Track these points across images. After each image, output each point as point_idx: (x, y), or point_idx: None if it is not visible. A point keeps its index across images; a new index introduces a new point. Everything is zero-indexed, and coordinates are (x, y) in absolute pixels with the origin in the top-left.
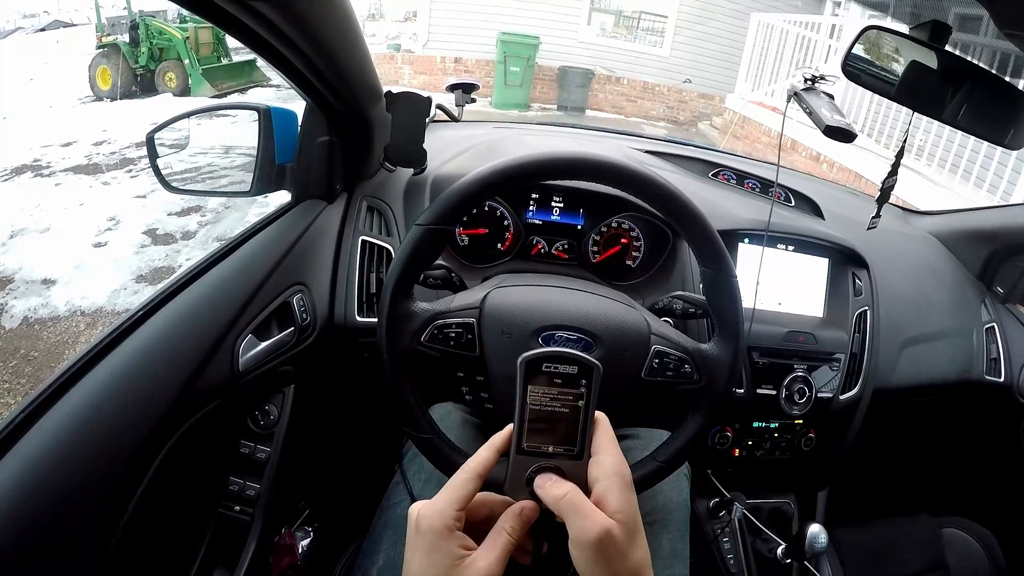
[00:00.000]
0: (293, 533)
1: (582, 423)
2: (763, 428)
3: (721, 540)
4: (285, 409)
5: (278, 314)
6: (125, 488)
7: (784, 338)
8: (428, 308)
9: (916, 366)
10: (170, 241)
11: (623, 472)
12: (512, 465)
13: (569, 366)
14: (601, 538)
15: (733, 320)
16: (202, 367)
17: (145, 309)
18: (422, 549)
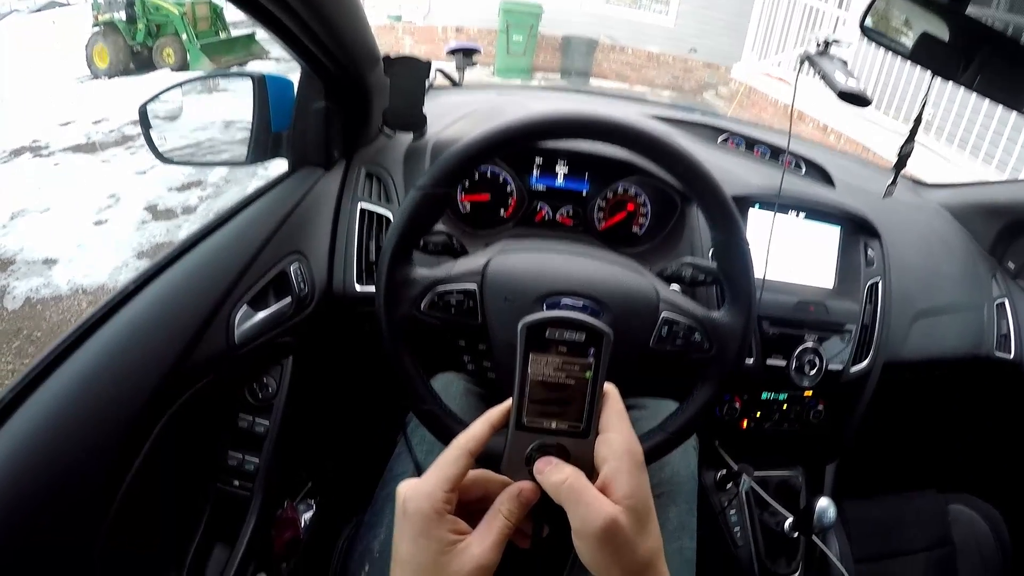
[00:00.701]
0: (295, 506)
1: (589, 397)
2: (772, 399)
3: (728, 513)
4: (284, 381)
5: (275, 284)
6: (121, 463)
7: (795, 308)
8: (428, 274)
9: (926, 339)
10: (171, 216)
11: (634, 452)
12: (510, 442)
13: (576, 332)
14: (606, 528)
15: (745, 287)
16: (197, 339)
17: (138, 283)
18: (409, 534)
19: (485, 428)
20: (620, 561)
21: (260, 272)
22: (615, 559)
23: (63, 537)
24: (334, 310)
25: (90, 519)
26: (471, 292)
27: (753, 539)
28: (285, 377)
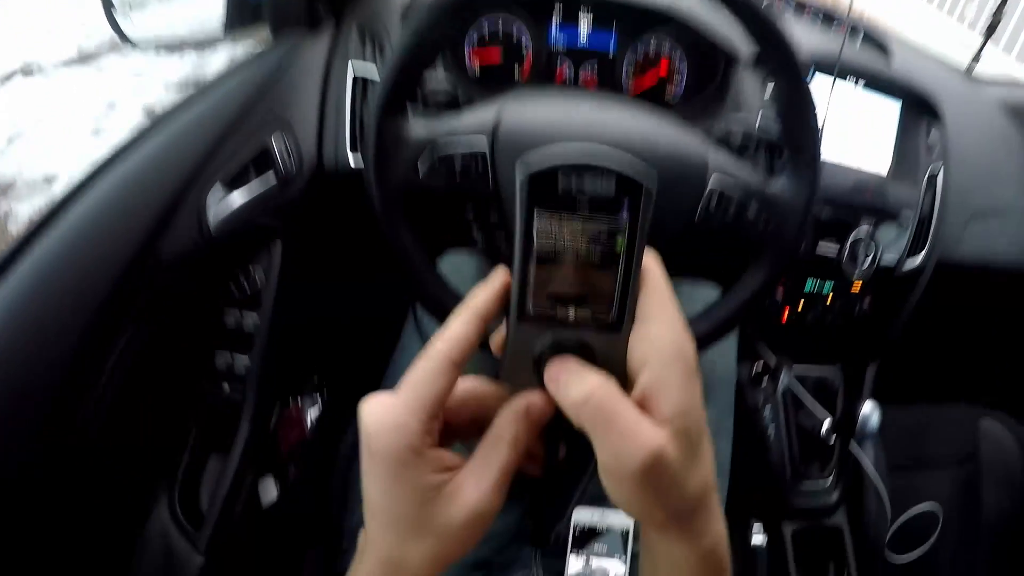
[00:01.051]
0: (300, 405)
1: (622, 274)
2: (817, 289)
3: (763, 411)
4: (272, 270)
5: (256, 162)
6: (82, 373)
7: (851, 188)
8: (426, 131)
9: (980, 242)
10: None
11: (685, 351)
12: (512, 339)
13: (603, 181)
14: (649, 465)
15: (811, 153)
16: (162, 228)
17: (90, 174)
18: (378, 479)
19: (471, 323)
20: (664, 503)
21: (237, 148)
22: (658, 501)
23: (25, 458)
24: (326, 187)
25: (51, 437)
26: (479, 151)
27: (787, 441)
28: (274, 265)
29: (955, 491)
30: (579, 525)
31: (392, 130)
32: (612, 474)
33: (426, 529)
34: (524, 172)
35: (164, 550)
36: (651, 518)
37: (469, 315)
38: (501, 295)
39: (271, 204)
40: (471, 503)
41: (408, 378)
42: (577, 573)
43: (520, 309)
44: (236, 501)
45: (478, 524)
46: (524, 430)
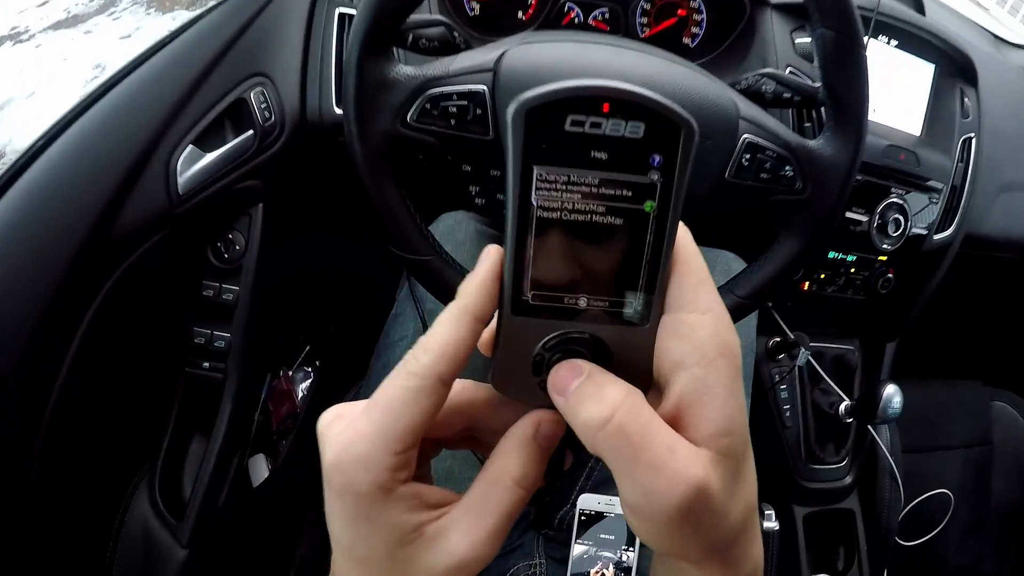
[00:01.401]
0: (291, 377)
1: (651, 250)
2: (839, 260)
3: (779, 388)
4: (253, 235)
5: (231, 116)
6: (41, 360)
7: (883, 153)
8: (416, 72)
9: (1009, 217)
10: None
11: (730, 347)
12: (505, 337)
13: (628, 122)
14: (687, 506)
15: (857, 108)
16: (123, 194)
17: (41, 139)
18: (342, 515)
19: (463, 326)
20: (703, 540)
21: (208, 102)
22: (696, 540)
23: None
24: (310, 142)
25: (13, 429)
26: (479, 95)
27: (803, 421)
28: (255, 230)
29: (966, 476)
30: (585, 510)
31: (375, 71)
32: (640, 514)
33: (401, 574)
34: (519, 109)
35: (145, 544)
36: (686, 555)
37: (459, 314)
38: (497, 282)
39: (249, 163)
40: (458, 553)
41: (381, 395)
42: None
43: (515, 298)
44: (221, 487)
45: (465, 573)
46: (533, 462)
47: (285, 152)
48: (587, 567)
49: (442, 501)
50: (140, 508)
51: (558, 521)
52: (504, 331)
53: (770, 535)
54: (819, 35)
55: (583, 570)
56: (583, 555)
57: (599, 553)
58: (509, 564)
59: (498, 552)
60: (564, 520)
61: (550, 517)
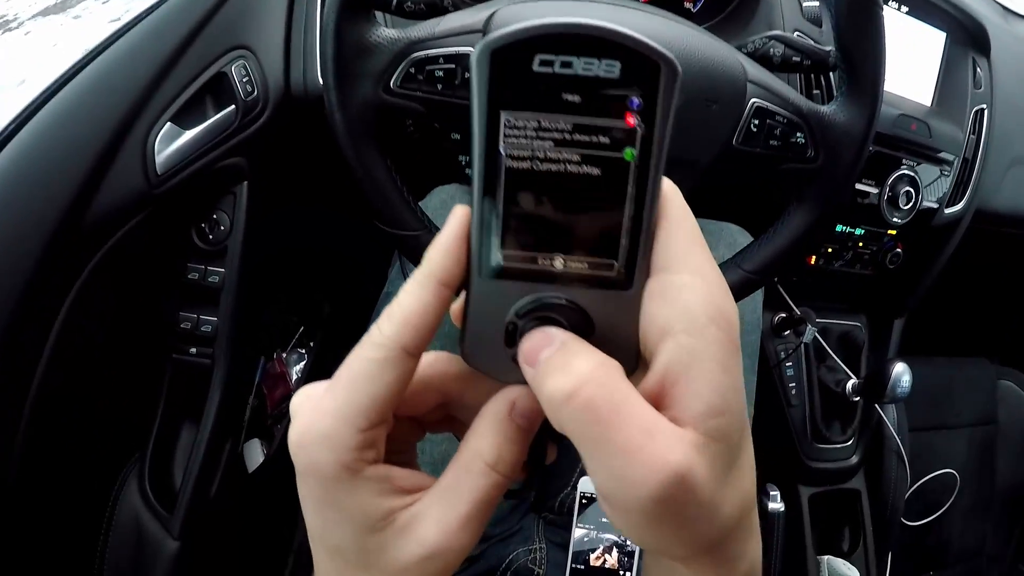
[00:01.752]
0: (285, 359)
1: (632, 203)
2: (847, 234)
3: (784, 366)
4: (238, 215)
5: (212, 91)
6: (17, 352)
7: (895, 122)
8: (399, 36)
9: (1019, 192)
10: None
11: (725, 313)
12: (475, 303)
13: (602, 60)
14: (664, 497)
15: (873, 72)
16: (98, 176)
17: (13, 123)
18: (310, 500)
19: (429, 292)
20: (688, 536)
21: (187, 76)
22: (679, 536)
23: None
24: (296, 116)
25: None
26: (466, 57)
27: (809, 398)
28: (239, 209)
29: (971, 455)
30: (586, 493)
31: (354, 35)
32: (613, 504)
33: (372, 564)
34: (484, 50)
35: (136, 537)
36: (669, 552)
37: (423, 280)
38: (464, 243)
39: (231, 140)
40: (430, 543)
41: (345, 370)
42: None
43: (484, 259)
44: (212, 475)
45: (438, 566)
46: (509, 443)
47: (269, 128)
48: (588, 550)
49: (416, 486)
50: (130, 500)
51: (558, 504)
52: (473, 296)
53: (775, 516)
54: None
55: (584, 554)
56: (584, 538)
57: (600, 536)
58: (509, 549)
59: (477, 540)
60: (565, 503)
61: (551, 501)
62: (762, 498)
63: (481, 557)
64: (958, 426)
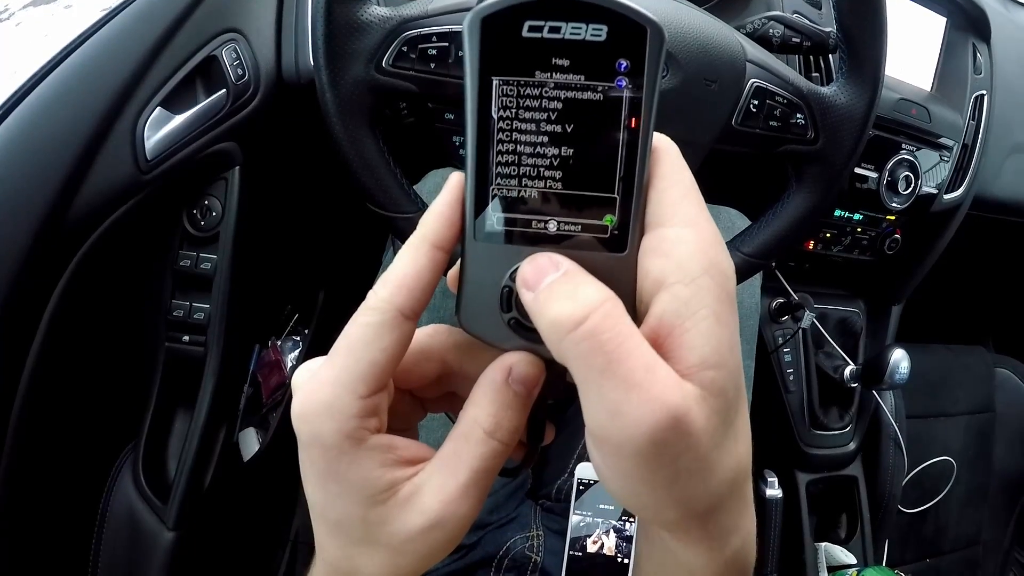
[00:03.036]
0: (279, 346)
1: (623, 163)
2: (845, 219)
3: (782, 351)
4: (230, 201)
5: (202, 75)
6: (8, 341)
7: (895, 106)
8: (391, 13)
9: (1019, 179)
10: None
11: (720, 264)
12: (469, 266)
13: (589, 25)
14: (662, 437)
15: (873, 53)
16: (86, 163)
17: (2, 108)
18: (312, 474)
19: (424, 255)
20: (680, 495)
21: (177, 60)
22: (671, 492)
23: None
24: (288, 100)
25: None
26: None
27: (807, 384)
28: (231, 195)
29: (968, 443)
30: (583, 480)
31: (345, 13)
32: (605, 443)
33: (376, 537)
34: (474, 18)
35: (130, 528)
36: (659, 515)
37: (417, 243)
38: (458, 208)
39: (222, 124)
40: (431, 512)
41: (341, 339)
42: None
43: (479, 223)
44: (207, 465)
45: (441, 536)
46: (506, 410)
47: (261, 112)
48: (586, 536)
49: (418, 456)
50: (124, 491)
51: (556, 491)
52: (468, 260)
53: (773, 502)
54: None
55: (582, 540)
56: (581, 524)
57: (598, 522)
58: (506, 536)
59: (479, 510)
60: (562, 490)
61: (547, 487)
62: (760, 484)
63: (478, 544)
64: (955, 414)
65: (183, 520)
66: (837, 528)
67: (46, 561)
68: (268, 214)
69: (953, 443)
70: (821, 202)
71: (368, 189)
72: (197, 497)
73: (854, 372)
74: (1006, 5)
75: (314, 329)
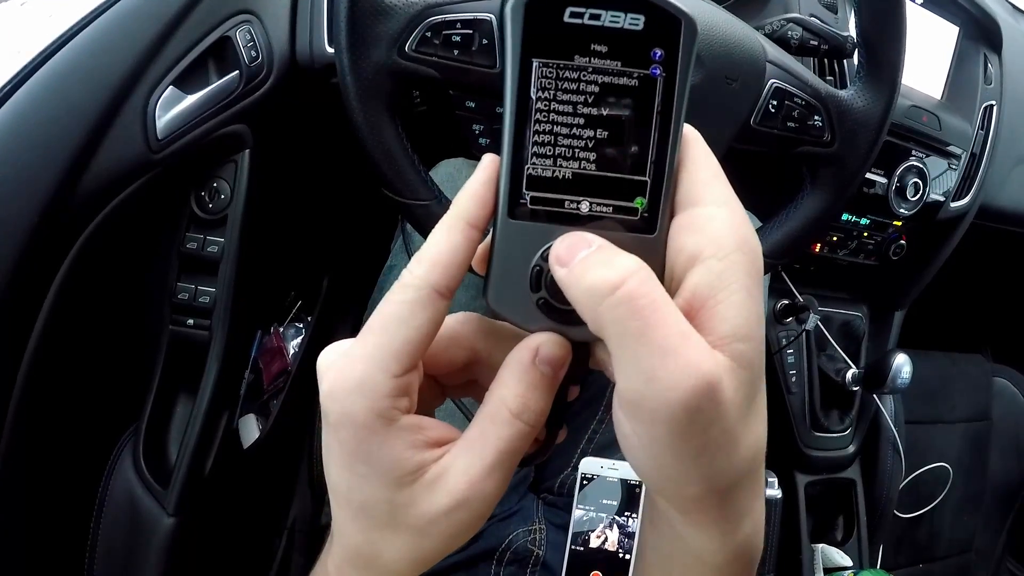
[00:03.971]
0: (281, 332)
1: (655, 148)
2: (852, 223)
3: (785, 353)
4: (239, 183)
5: (215, 55)
6: (14, 319)
7: (906, 113)
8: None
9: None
10: None
11: (750, 242)
12: (500, 245)
13: (627, 14)
14: (696, 403)
15: (892, 58)
16: (96, 139)
17: (10, 84)
18: (338, 452)
19: (458, 233)
20: (706, 466)
21: (189, 40)
22: (697, 462)
23: None
24: (301, 84)
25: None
26: (485, 23)
27: (809, 386)
28: (241, 178)
29: (964, 450)
30: (586, 474)
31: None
32: (641, 409)
33: (401, 520)
34: (518, 1)
35: (130, 513)
36: (681, 490)
37: (452, 222)
38: (492, 187)
39: (234, 106)
40: (457, 492)
41: (375, 317)
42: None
43: (512, 199)
44: (208, 450)
45: (466, 517)
46: (533, 390)
47: (273, 95)
48: (588, 531)
49: (444, 438)
50: (124, 475)
51: (558, 485)
52: (500, 239)
53: (773, 503)
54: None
55: (584, 535)
56: (583, 519)
57: (600, 516)
58: (509, 529)
59: (503, 490)
60: (565, 484)
61: (550, 480)
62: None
63: (480, 536)
64: (953, 421)
65: (183, 506)
66: (834, 530)
67: (44, 543)
68: (276, 199)
69: (950, 450)
70: (834, 204)
71: (386, 175)
72: (198, 483)
73: (856, 375)
74: (1017, 17)
75: (317, 316)
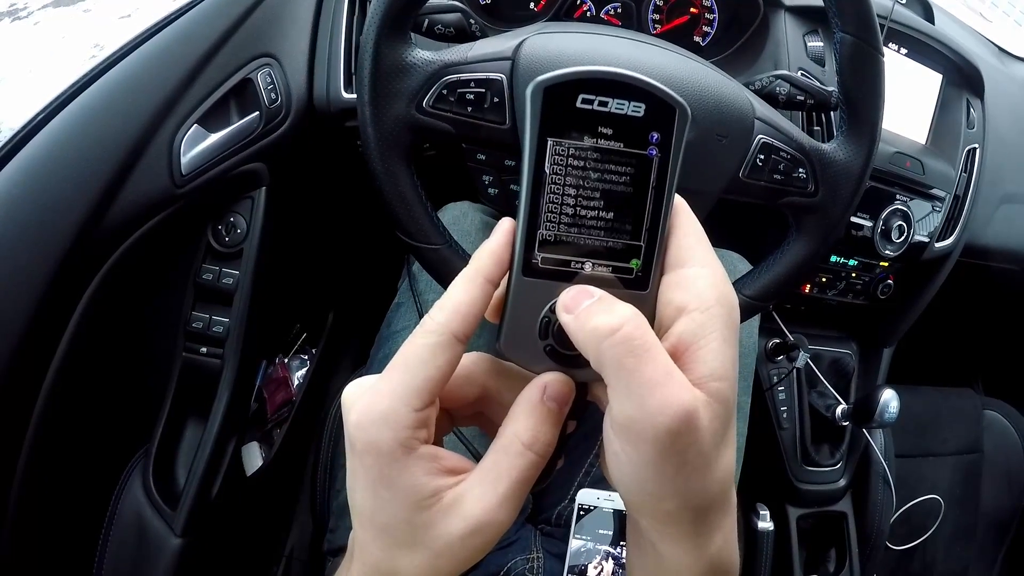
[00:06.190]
0: (287, 363)
1: (650, 217)
2: (840, 264)
3: (776, 390)
4: (255, 219)
5: (236, 97)
6: (38, 342)
7: (890, 159)
8: (434, 58)
9: (1009, 228)
10: None
11: (728, 299)
12: (513, 298)
13: (630, 102)
14: (677, 429)
15: (871, 114)
16: (125, 173)
17: (39, 115)
18: (364, 481)
19: (476, 287)
20: (683, 486)
21: (215, 81)
22: (675, 483)
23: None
24: (316, 126)
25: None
26: (497, 83)
27: (800, 422)
28: (257, 214)
29: (956, 482)
30: (583, 505)
31: (392, 54)
32: (630, 429)
33: (419, 540)
34: (538, 86)
35: (138, 533)
36: (659, 505)
37: (472, 276)
38: (508, 248)
39: (254, 145)
40: (473, 518)
41: (399, 357)
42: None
43: (526, 260)
44: (216, 475)
45: (480, 542)
46: (542, 424)
47: (290, 136)
48: (585, 562)
49: (459, 467)
50: (133, 495)
51: (555, 516)
52: (514, 292)
53: (764, 536)
54: (839, 40)
55: (581, 566)
56: (580, 549)
57: (597, 548)
58: (507, 558)
59: (515, 518)
60: (562, 516)
61: (548, 512)
62: (752, 517)
63: (480, 564)
64: (943, 454)
65: (191, 527)
66: (826, 562)
67: (53, 559)
68: (289, 234)
69: (941, 482)
70: (819, 250)
71: (400, 220)
72: (205, 506)
73: (845, 411)
74: (1001, 59)
75: (322, 349)
